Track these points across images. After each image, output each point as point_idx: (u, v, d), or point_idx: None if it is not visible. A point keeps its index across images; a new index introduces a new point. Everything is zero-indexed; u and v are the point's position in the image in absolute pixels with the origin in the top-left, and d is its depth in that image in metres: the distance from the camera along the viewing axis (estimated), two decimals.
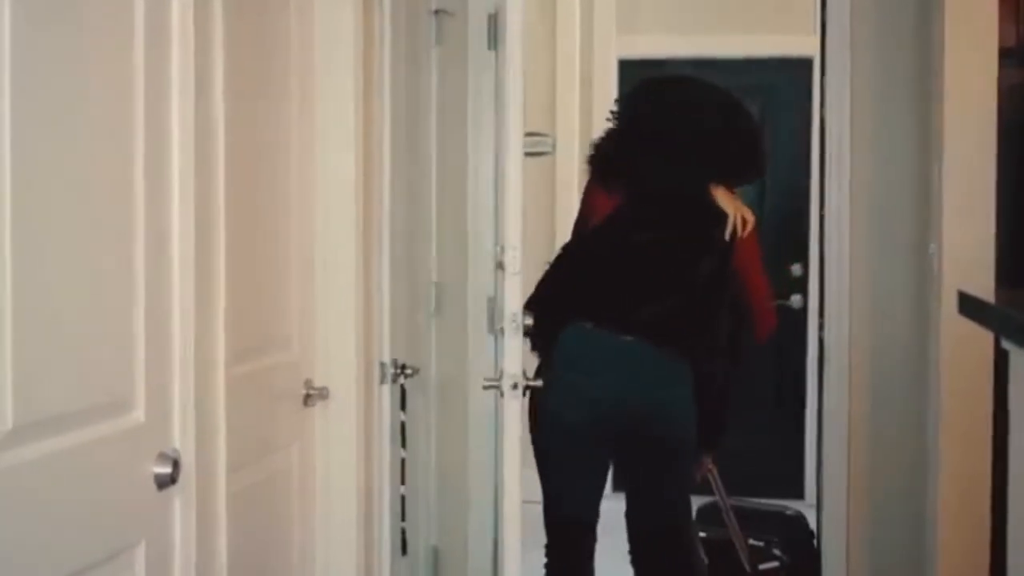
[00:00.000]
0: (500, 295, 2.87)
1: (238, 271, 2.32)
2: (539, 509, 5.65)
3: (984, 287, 2.94)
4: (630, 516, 3.41)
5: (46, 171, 1.70)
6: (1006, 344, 2.10)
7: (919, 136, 3.64)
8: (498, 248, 2.74)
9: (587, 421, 3.25)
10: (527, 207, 4.99)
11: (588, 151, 3.40)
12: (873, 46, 3.75)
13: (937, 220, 3.31)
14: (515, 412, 2.76)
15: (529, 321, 2.81)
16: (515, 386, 2.73)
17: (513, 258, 2.70)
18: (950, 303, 2.81)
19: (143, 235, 1.95)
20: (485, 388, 2.92)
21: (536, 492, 5.79)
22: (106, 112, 1.86)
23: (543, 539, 5.32)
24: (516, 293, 2.72)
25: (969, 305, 2.22)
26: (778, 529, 4.10)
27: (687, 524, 3.40)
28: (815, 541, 4.05)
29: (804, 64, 5.81)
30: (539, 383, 2.93)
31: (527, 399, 2.98)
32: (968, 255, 3.18)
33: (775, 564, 3.92)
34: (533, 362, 3.30)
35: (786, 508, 4.35)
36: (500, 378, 2.77)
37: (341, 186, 2.79)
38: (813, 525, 4.16)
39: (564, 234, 3.57)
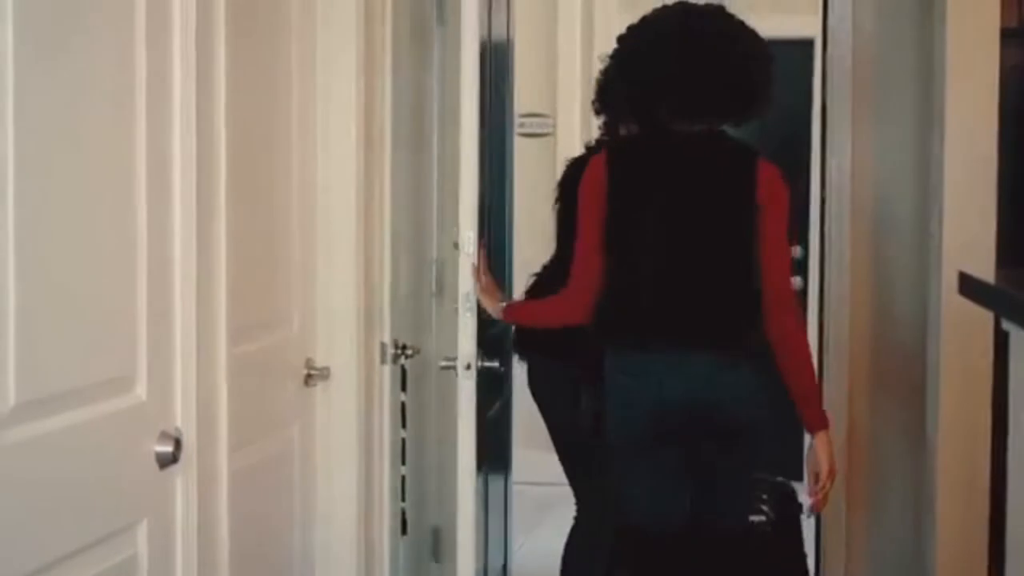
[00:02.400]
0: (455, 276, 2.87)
1: (240, 250, 2.32)
2: (539, 491, 5.68)
3: (985, 268, 2.94)
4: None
5: (49, 148, 1.69)
6: (1006, 325, 2.10)
7: (920, 117, 3.63)
8: (454, 229, 2.77)
9: (649, 419, 2.89)
10: (528, 188, 4.97)
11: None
12: (875, 26, 3.74)
13: (938, 200, 3.31)
14: (469, 393, 2.76)
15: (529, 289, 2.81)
16: (468, 367, 2.75)
17: (467, 239, 2.75)
18: (951, 284, 2.81)
19: (145, 213, 1.95)
20: (442, 369, 2.94)
21: (537, 474, 5.81)
22: (109, 91, 1.85)
23: (540, 521, 5.29)
24: (468, 272, 2.77)
25: (970, 285, 2.22)
26: (766, 489, 4.07)
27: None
28: (800, 507, 3.96)
29: (805, 44, 5.79)
30: (495, 363, 2.88)
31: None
32: (969, 236, 3.18)
33: (763, 518, 3.91)
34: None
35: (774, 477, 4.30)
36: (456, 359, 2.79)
37: (343, 164, 2.79)
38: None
39: None
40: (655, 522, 2.97)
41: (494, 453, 3.91)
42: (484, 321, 2.92)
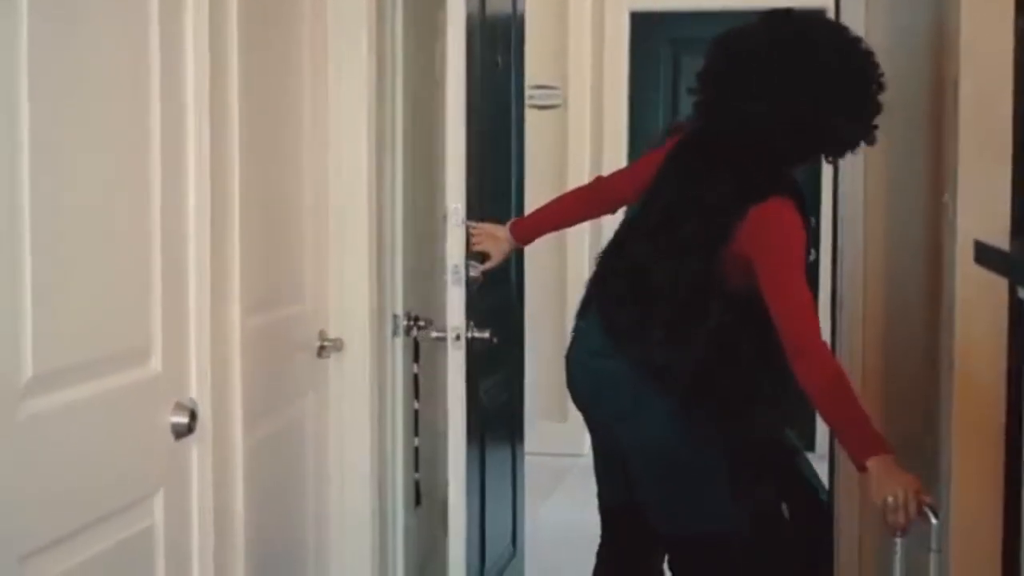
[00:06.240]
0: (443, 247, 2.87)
1: (253, 222, 2.32)
2: (557, 461, 5.74)
3: (1000, 236, 2.93)
4: None
5: (64, 125, 1.70)
6: (1023, 293, 2.09)
7: (934, 86, 3.61)
8: (448, 203, 2.79)
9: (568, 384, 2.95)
10: (538, 160, 4.95)
11: None
12: None
13: (952, 169, 3.29)
14: (459, 364, 2.77)
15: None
16: (458, 338, 2.76)
17: (455, 210, 2.76)
18: (965, 252, 2.80)
19: (159, 187, 1.95)
20: (434, 339, 2.97)
21: (552, 444, 5.87)
22: (122, 65, 1.85)
23: (556, 489, 5.32)
24: (458, 245, 2.78)
25: (986, 254, 2.21)
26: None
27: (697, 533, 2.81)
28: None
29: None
30: (486, 335, 2.89)
31: None
32: (983, 204, 3.16)
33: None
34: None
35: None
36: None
37: (354, 136, 2.79)
38: (823, 475, 4.15)
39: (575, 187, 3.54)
40: (602, 496, 3.01)
41: (507, 424, 3.92)
42: (476, 292, 2.94)
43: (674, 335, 2.69)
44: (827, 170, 4.08)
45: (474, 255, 2.96)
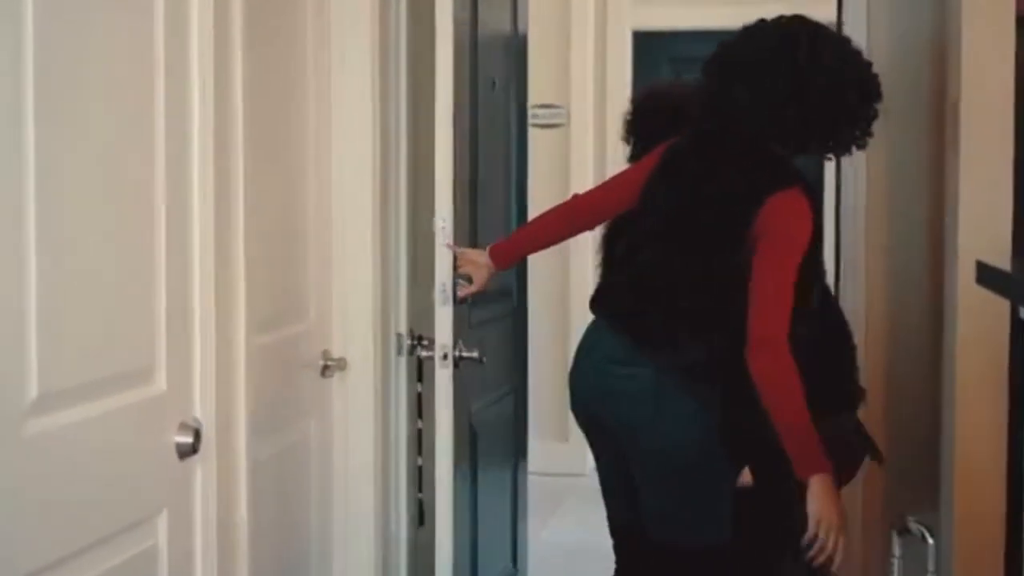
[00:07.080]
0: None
1: (257, 242, 2.33)
2: (558, 482, 5.73)
3: (1001, 257, 2.93)
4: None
5: (67, 137, 1.71)
6: None
7: (936, 104, 3.63)
8: (435, 222, 2.77)
9: (573, 407, 2.93)
10: (541, 179, 4.96)
11: None
12: (890, 12, 3.73)
13: (953, 189, 3.30)
14: (446, 382, 2.77)
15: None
16: (445, 356, 2.76)
17: (442, 229, 2.75)
18: (967, 273, 2.81)
19: (164, 206, 1.96)
20: (423, 358, 2.97)
21: (553, 464, 5.85)
22: (128, 83, 1.87)
23: (558, 509, 5.30)
24: (445, 263, 2.77)
25: (987, 274, 2.22)
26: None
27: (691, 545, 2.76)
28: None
29: None
30: (475, 354, 2.88)
31: None
32: (984, 225, 3.17)
33: None
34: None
35: None
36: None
37: (358, 155, 2.80)
38: None
39: None
40: (609, 511, 2.96)
41: (509, 442, 3.91)
42: (476, 308, 2.91)
43: (705, 330, 2.67)
44: (829, 177, 4.09)
45: (463, 274, 2.96)
